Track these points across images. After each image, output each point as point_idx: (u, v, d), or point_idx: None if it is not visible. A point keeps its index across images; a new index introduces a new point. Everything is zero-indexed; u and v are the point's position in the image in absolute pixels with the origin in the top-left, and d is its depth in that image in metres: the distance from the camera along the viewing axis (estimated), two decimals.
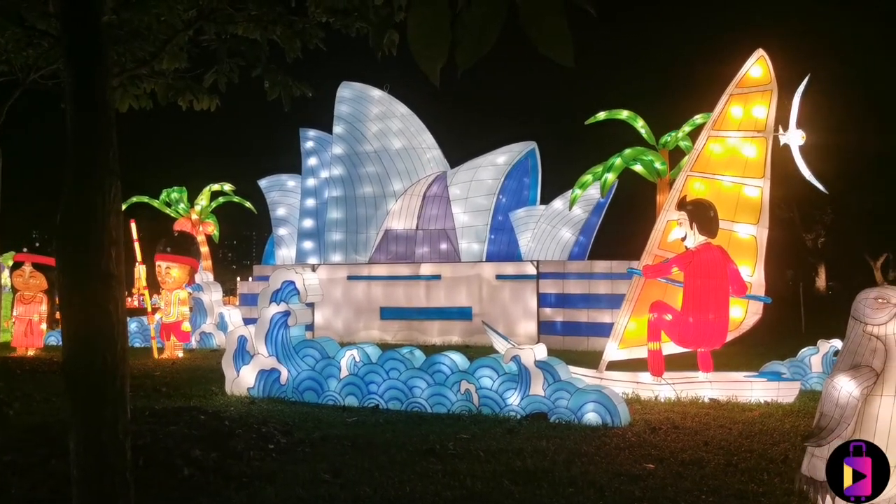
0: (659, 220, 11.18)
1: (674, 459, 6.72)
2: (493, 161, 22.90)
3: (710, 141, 11.09)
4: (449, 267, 21.04)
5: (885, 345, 4.50)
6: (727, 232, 10.77)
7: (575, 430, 7.99)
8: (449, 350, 9.94)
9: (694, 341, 10.51)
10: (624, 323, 10.95)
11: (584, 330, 18.88)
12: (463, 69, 2.86)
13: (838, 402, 4.48)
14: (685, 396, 10.06)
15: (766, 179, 10.86)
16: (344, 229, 23.56)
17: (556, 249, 22.15)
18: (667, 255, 10.74)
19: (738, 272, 10.42)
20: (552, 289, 19.63)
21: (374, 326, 21.27)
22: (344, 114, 24.36)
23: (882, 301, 4.51)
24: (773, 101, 10.86)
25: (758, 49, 10.94)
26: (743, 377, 10.53)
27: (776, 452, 6.97)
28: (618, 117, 21.68)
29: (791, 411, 9.25)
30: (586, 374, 10.41)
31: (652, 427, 8.15)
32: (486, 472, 6.24)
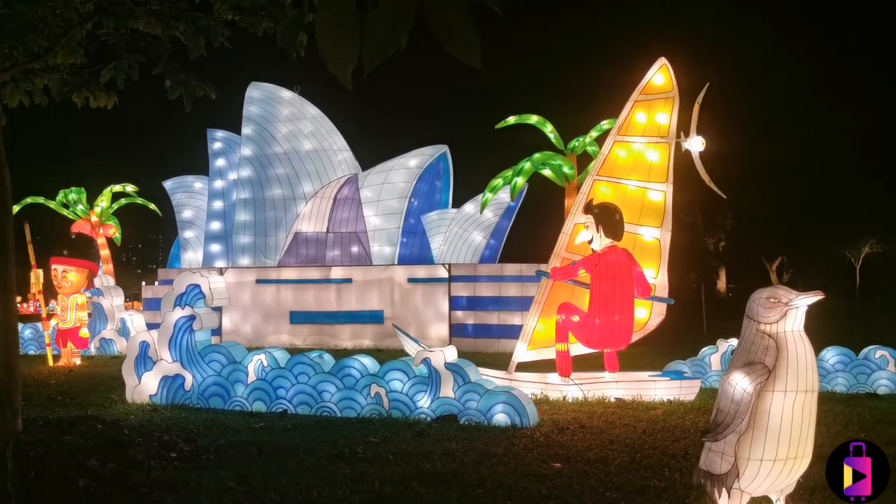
0: (566, 223, 11.38)
1: (580, 458, 6.83)
2: (404, 164, 22.89)
3: (615, 146, 11.36)
4: (360, 270, 20.91)
5: (776, 342, 4.67)
6: (632, 235, 11.04)
7: (484, 432, 8.04)
8: (360, 354, 9.86)
9: (600, 342, 10.73)
10: (532, 324, 11.10)
11: (494, 332, 19.07)
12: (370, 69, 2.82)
13: (733, 398, 4.63)
14: (592, 396, 10.26)
15: (669, 184, 11.20)
16: (253, 232, 23.12)
17: (467, 252, 22.30)
18: (574, 258, 10.94)
19: (642, 274, 10.70)
20: (464, 291, 19.75)
21: (283, 331, 20.94)
22: (253, 115, 23.93)
23: (774, 300, 4.69)
24: (675, 108, 11.21)
25: (660, 58, 11.28)
26: (647, 376, 10.81)
27: (677, 448, 7.18)
28: (527, 122, 21.99)
29: (692, 408, 9.55)
30: (496, 375, 10.50)
31: (559, 427, 8.28)
32: (395, 476, 6.20)
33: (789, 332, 4.67)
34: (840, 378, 11.24)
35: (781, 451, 4.62)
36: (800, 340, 4.68)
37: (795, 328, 4.68)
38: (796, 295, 4.66)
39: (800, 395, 4.62)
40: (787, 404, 4.60)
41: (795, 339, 4.67)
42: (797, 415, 4.62)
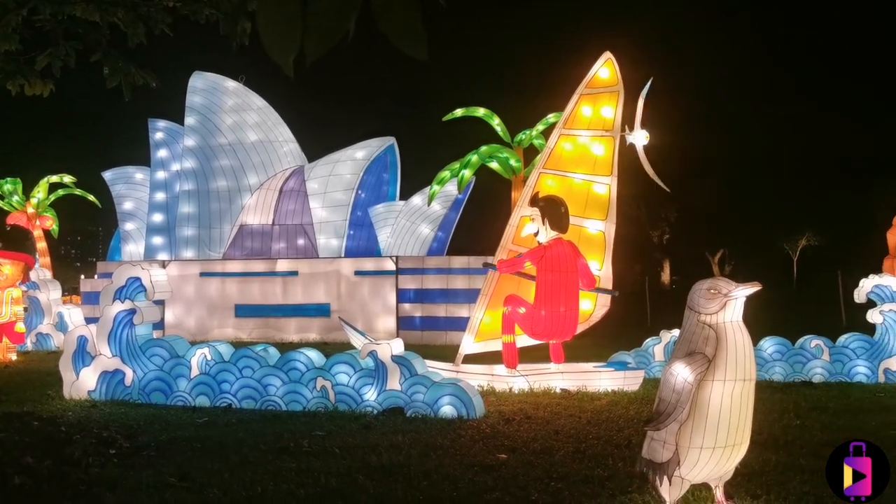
0: (513, 216, 11.44)
1: (526, 449, 6.88)
2: (351, 156, 22.74)
3: (561, 139, 11.44)
4: (306, 263, 20.72)
5: (716, 333, 4.76)
6: (577, 228, 11.14)
7: (431, 424, 8.05)
8: (306, 347, 9.77)
9: (546, 333, 10.82)
10: (479, 316, 11.14)
11: (442, 324, 19.09)
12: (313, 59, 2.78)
13: (675, 387, 4.71)
14: (538, 387, 10.35)
15: (614, 177, 11.33)
16: (196, 224, 22.72)
17: (414, 245, 22.26)
18: (520, 250, 11.00)
19: (587, 266, 10.82)
20: (411, 284, 19.73)
21: (228, 324, 20.65)
22: (196, 105, 23.48)
23: (714, 292, 4.78)
24: (619, 101, 11.33)
25: (606, 52, 11.39)
26: (592, 367, 10.94)
27: (621, 438, 7.28)
28: (475, 115, 22.02)
29: (636, 398, 9.70)
30: (443, 367, 10.51)
31: (506, 418, 8.33)
32: (340, 469, 6.17)
33: (729, 323, 4.76)
34: (777, 367, 11.53)
35: (720, 439, 4.72)
36: (738, 331, 4.78)
37: (735, 319, 4.78)
38: (735, 286, 4.76)
39: (738, 384, 4.72)
40: (726, 393, 4.69)
41: (734, 330, 4.77)
42: (735, 403, 4.72)
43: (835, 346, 11.61)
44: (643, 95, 11.19)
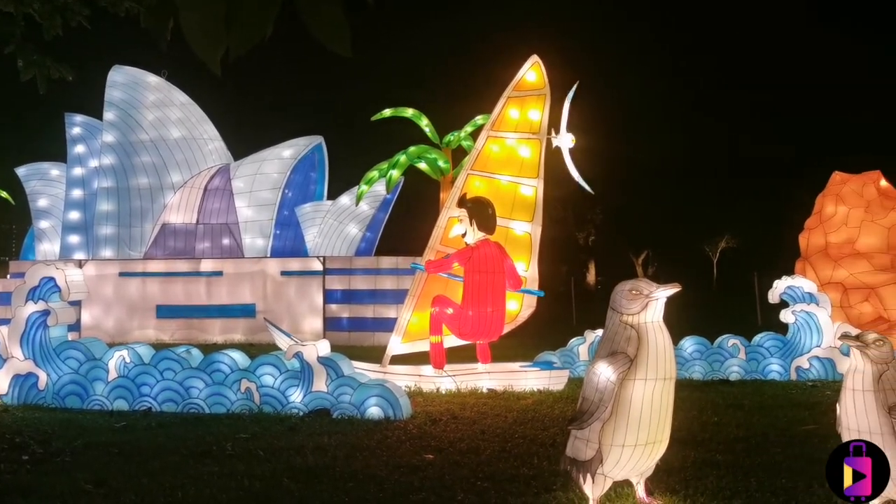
0: (441, 216, 11.47)
1: (452, 449, 6.90)
2: (278, 154, 22.45)
3: (489, 141, 11.52)
4: (231, 263, 20.36)
5: (638, 333, 4.86)
6: (504, 229, 11.24)
7: (357, 425, 8.00)
8: (230, 348, 9.59)
9: (473, 334, 10.87)
10: (407, 317, 11.12)
11: (370, 325, 19.01)
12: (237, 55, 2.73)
13: (598, 386, 4.79)
14: (465, 387, 10.39)
15: (540, 179, 11.47)
16: (116, 223, 22.06)
17: (342, 245, 22.10)
18: (448, 251, 11.03)
19: (514, 267, 10.92)
20: (338, 285, 19.58)
21: (149, 325, 20.10)
22: (116, 99, 22.81)
23: (635, 292, 4.88)
24: (546, 105, 11.48)
25: (533, 55, 11.52)
26: (518, 367, 11.05)
27: (546, 437, 7.37)
28: (403, 115, 22.02)
29: (561, 397, 9.84)
30: (370, 368, 10.46)
31: (433, 418, 8.34)
32: (265, 472, 6.07)
33: (650, 323, 4.87)
34: (697, 366, 11.86)
35: (642, 437, 4.82)
36: (659, 331, 4.90)
37: (655, 319, 4.89)
38: (656, 287, 4.87)
39: (659, 383, 4.83)
40: (647, 392, 4.80)
41: (655, 330, 4.88)
42: (656, 401, 4.83)
43: (750, 346, 12.01)
44: (569, 99, 11.37)
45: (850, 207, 15.17)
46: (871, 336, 4.76)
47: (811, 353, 11.62)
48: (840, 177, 15.65)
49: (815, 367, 11.53)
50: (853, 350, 4.79)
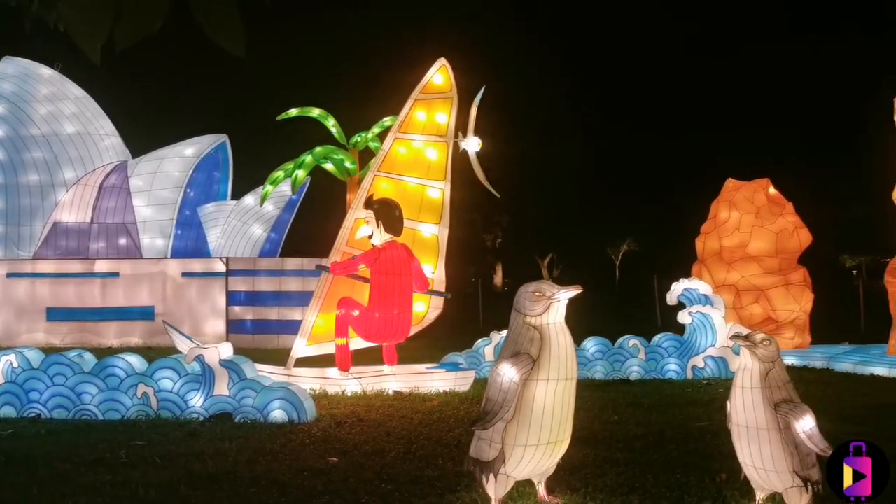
0: (347, 218, 11.39)
1: (357, 451, 6.85)
2: (180, 152, 21.83)
3: (396, 143, 11.51)
4: (129, 264, 19.65)
5: (541, 334, 4.94)
6: (411, 231, 11.24)
7: (260, 429, 7.85)
8: (127, 352, 9.26)
9: (380, 336, 10.83)
10: (312, 319, 10.99)
11: (274, 328, 18.67)
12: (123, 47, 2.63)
13: (501, 387, 4.84)
14: (371, 390, 10.34)
15: (448, 182, 11.53)
16: (4, 221, 20.99)
17: (246, 246, 21.67)
18: (354, 253, 10.96)
19: (421, 269, 10.93)
20: (242, 286, 19.16)
21: (39, 329, 19.15)
22: (6, 92, 21.76)
23: (539, 294, 4.96)
24: (453, 108, 11.55)
25: (440, 59, 11.58)
26: (424, 369, 11.07)
27: (451, 438, 7.40)
28: (309, 115, 21.76)
29: (466, 398, 9.90)
30: (274, 371, 10.28)
31: (338, 421, 8.26)
32: (161, 479, 5.88)
33: (552, 324, 4.95)
34: (599, 366, 12.14)
35: (544, 436, 4.89)
36: (562, 331, 4.99)
37: (558, 320, 4.98)
38: (559, 289, 4.96)
39: (561, 383, 4.92)
40: (549, 392, 4.88)
41: (558, 331, 4.97)
42: (558, 401, 4.92)
43: (650, 346, 12.39)
44: (476, 103, 11.47)
45: (743, 213, 15.83)
46: (759, 336, 4.97)
47: (706, 353, 12.07)
48: (733, 184, 16.31)
49: (710, 365, 11.98)
50: (743, 349, 4.99)
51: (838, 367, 12.90)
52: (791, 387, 4.96)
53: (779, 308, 15.18)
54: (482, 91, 11.58)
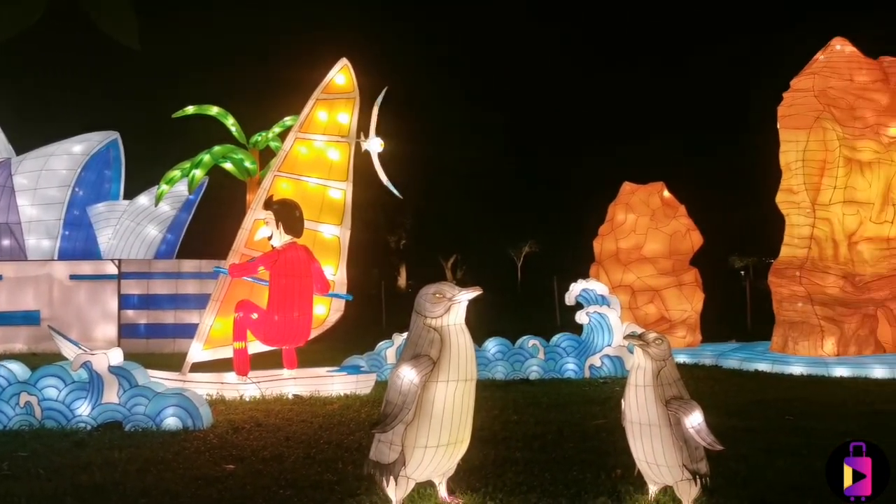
0: (246, 218, 11.14)
1: (255, 457, 6.70)
2: (68, 150, 20.90)
3: (297, 143, 11.34)
4: (11, 266, 18.67)
5: (441, 335, 4.95)
6: (312, 232, 11.10)
7: (153, 437, 7.58)
8: (8, 360, 8.77)
9: (279, 339, 10.65)
10: (209, 323, 10.69)
11: (170, 332, 18.08)
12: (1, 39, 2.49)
13: (401, 389, 4.82)
14: (270, 394, 10.14)
15: (349, 183, 11.43)
16: None
17: (140, 247, 20.94)
18: (254, 254, 10.73)
19: (321, 271, 10.80)
20: (136, 289, 18.48)
21: None
22: None
23: (439, 296, 4.96)
24: (355, 108, 11.47)
25: (342, 59, 11.49)
26: (325, 372, 10.95)
27: (351, 441, 7.33)
28: (207, 113, 21.21)
29: (368, 401, 9.83)
30: (168, 377, 9.96)
31: (235, 427, 8.06)
32: (46, 492, 5.60)
33: (452, 325, 4.97)
34: (499, 366, 12.28)
35: (444, 437, 4.90)
36: (461, 333, 5.00)
37: (458, 321, 5.00)
38: (459, 291, 4.98)
39: (461, 384, 4.93)
40: (449, 393, 4.89)
41: (458, 332, 4.98)
42: (458, 402, 4.93)
43: (549, 346, 12.62)
44: (378, 103, 11.43)
45: (638, 216, 16.34)
46: (652, 335, 5.13)
47: (603, 352, 12.39)
48: (629, 187, 16.81)
49: (607, 364, 12.30)
50: (636, 348, 5.13)
51: (726, 363, 13.47)
52: (681, 384, 5.13)
53: (672, 308, 15.75)
54: (384, 91, 11.56)
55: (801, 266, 13.37)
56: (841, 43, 14.07)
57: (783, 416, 8.61)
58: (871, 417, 8.42)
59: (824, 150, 13.35)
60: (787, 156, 13.75)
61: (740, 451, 6.47)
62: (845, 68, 13.87)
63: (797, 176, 13.56)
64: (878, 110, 13.74)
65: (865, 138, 13.50)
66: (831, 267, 13.36)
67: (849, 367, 12.09)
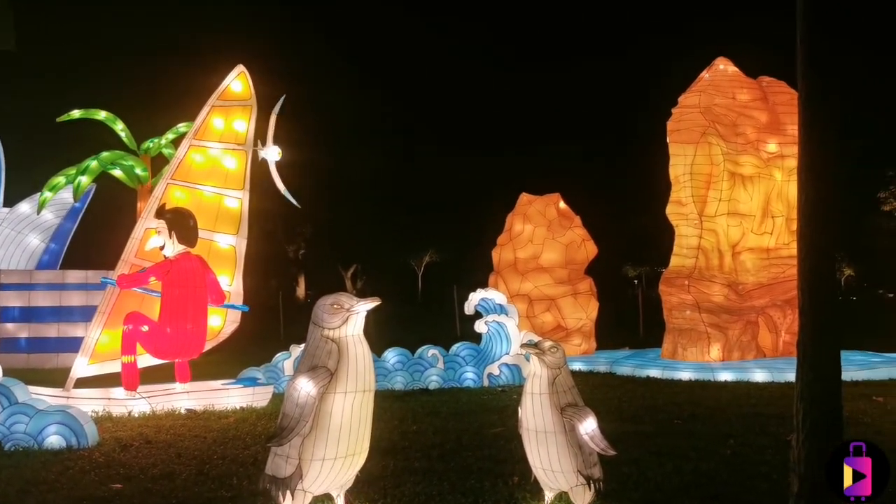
0: (137, 227, 10.76)
1: (144, 476, 6.46)
2: None
3: (191, 150, 11.04)
4: None
5: (339, 346, 4.90)
6: (207, 242, 10.81)
7: (34, 457, 7.20)
8: None
9: (171, 352, 10.31)
10: (95, 336, 10.24)
11: (53, 346, 17.21)
12: None
13: (298, 401, 4.74)
14: (161, 409, 9.80)
15: (246, 191, 11.21)
16: None
17: (21, 257, 19.88)
18: (144, 264, 10.36)
19: (216, 281, 10.53)
20: (16, 301, 17.52)
21: None
22: None
23: (337, 307, 4.91)
24: (252, 116, 11.27)
25: (239, 65, 11.27)
26: (220, 385, 10.67)
27: (247, 456, 7.16)
28: (95, 117, 20.35)
29: (264, 414, 9.63)
30: (50, 394, 9.47)
31: (123, 445, 7.75)
32: None
33: (350, 336, 4.92)
34: (399, 376, 12.25)
35: (342, 449, 4.85)
36: (360, 343, 4.97)
37: (356, 332, 4.96)
38: (357, 301, 4.94)
39: (358, 395, 4.89)
40: (347, 405, 4.84)
41: (356, 343, 4.94)
42: (356, 414, 4.89)
43: (448, 355, 12.68)
44: (275, 111, 11.27)
45: (535, 226, 16.67)
46: (548, 343, 5.23)
47: (501, 361, 12.54)
48: (527, 198, 17.13)
49: (505, 373, 12.45)
50: (532, 356, 5.22)
51: (620, 370, 13.86)
52: (576, 391, 5.25)
53: (568, 316, 16.11)
54: (282, 99, 11.42)
55: (690, 275, 13.92)
56: (724, 63, 14.78)
57: (672, 420, 8.92)
58: (752, 419, 8.82)
59: (710, 164, 13.96)
60: (676, 169, 14.30)
61: (632, 455, 6.67)
62: (728, 87, 14.58)
63: (685, 188, 14.13)
64: (758, 127, 14.49)
65: (747, 154, 14.22)
66: (717, 276, 13.96)
67: (733, 371, 12.64)
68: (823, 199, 4.54)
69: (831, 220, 4.55)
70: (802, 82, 4.62)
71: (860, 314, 30.25)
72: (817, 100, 4.59)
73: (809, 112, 4.60)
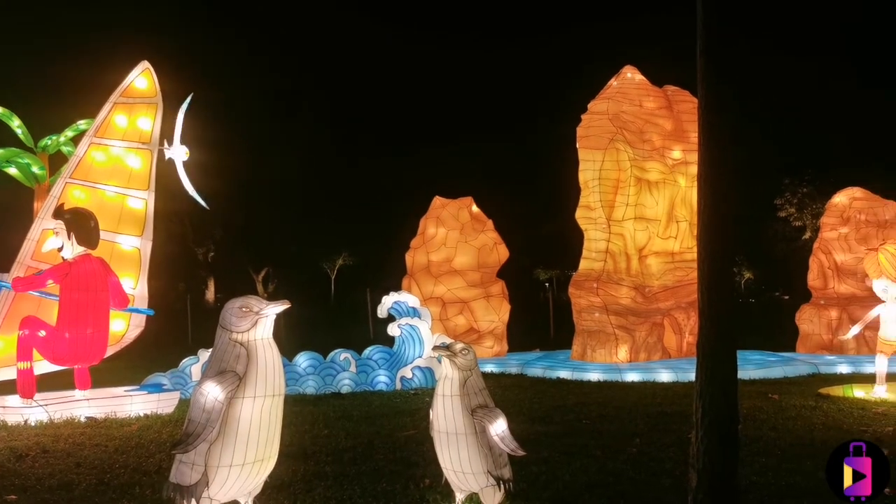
0: (33, 228, 10.30)
1: (40, 486, 6.19)
2: None
3: (92, 148, 10.64)
4: None
5: (248, 350, 4.80)
6: (110, 243, 10.45)
7: None
8: None
9: (70, 358, 9.90)
10: None
11: None
12: None
13: (205, 407, 4.62)
14: (59, 417, 9.39)
15: (151, 192, 10.88)
16: None
17: None
18: (41, 267, 9.93)
19: (119, 284, 10.18)
20: None
21: None
22: None
23: (246, 310, 4.81)
24: (158, 114, 10.96)
25: (143, 61, 10.94)
26: (123, 392, 10.32)
27: (150, 464, 6.94)
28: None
29: (170, 421, 9.36)
30: None
31: (18, 454, 7.41)
32: None
33: (259, 340, 4.83)
34: (310, 381, 12.10)
35: (250, 455, 4.75)
36: (269, 347, 4.88)
37: (265, 336, 4.87)
38: (266, 304, 4.85)
39: (268, 400, 4.80)
40: (255, 409, 4.74)
41: (265, 346, 4.85)
42: (265, 419, 4.80)
43: (361, 359, 12.61)
44: (183, 110, 10.99)
45: (448, 229, 16.76)
46: (459, 346, 5.25)
47: (414, 364, 12.55)
48: (440, 201, 17.22)
49: (418, 376, 12.46)
50: (444, 359, 5.23)
51: (531, 372, 14.06)
52: (487, 393, 5.29)
53: (480, 319, 16.26)
54: (189, 98, 11.14)
55: (598, 278, 14.25)
56: (631, 71, 15.21)
57: (581, 420, 9.10)
58: (657, 418, 9.09)
59: (618, 169, 14.33)
60: (586, 174, 14.62)
61: (542, 455, 6.78)
62: (635, 94, 15.01)
63: (594, 193, 14.47)
64: (663, 135, 14.98)
65: (653, 160, 14.67)
66: (624, 279, 14.35)
67: (639, 372, 13.00)
68: (720, 205, 4.71)
69: (728, 225, 4.73)
70: (702, 91, 4.79)
71: (758, 316, 31.64)
72: (715, 109, 4.76)
73: (707, 121, 4.78)
